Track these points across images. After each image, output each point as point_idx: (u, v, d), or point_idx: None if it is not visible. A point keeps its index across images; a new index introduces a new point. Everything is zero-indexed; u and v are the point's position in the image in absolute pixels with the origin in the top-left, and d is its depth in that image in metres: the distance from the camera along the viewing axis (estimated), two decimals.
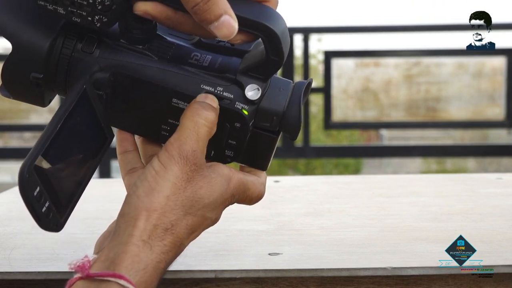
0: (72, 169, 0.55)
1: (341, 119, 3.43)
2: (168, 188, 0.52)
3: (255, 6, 0.55)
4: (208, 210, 0.54)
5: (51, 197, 0.52)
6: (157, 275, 0.50)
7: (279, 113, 0.56)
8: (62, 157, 0.54)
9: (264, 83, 0.56)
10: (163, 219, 0.51)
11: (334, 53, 3.31)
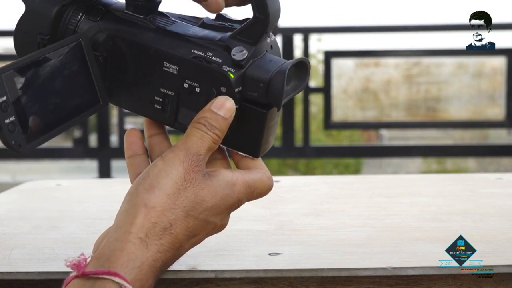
0: (47, 108, 0.55)
1: (341, 119, 3.43)
2: (170, 186, 0.52)
3: None
4: (211, 214, 0.54)
5: (19, 115, 0.51)
6: (152, 273, 0.50)
7: (266, 80, 0.55)
8: (40, 89, 0.54)
9: (252, 46, 0.56)
10: (161, 217, 0.51)
11: (334, 53, 3.31)
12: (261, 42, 0.57)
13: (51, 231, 0.74)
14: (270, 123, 0.58)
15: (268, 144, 0.60)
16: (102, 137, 3.32)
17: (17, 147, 0.52)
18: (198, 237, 0.54)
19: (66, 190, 0.98)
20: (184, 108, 0.58)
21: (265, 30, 0.56)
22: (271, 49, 0.59)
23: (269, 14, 0.55)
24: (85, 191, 0.98)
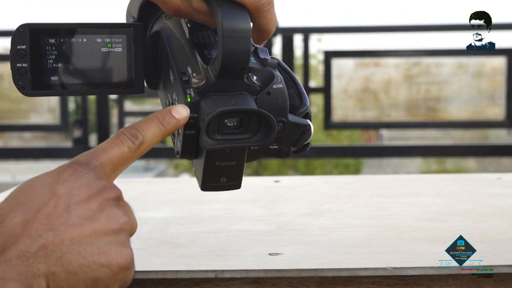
0: (68, 70, 0.59)
1: (341, 119, 3.43)
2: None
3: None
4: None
5: (33, 65, 0.57)
6: None
7: (202, 118, 0.57)
8: (67, 53, 0.59)
9: (214, 80, 0.56)
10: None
11: (334, 53, 3.31)
12: (227, 79, 0.56)
13: None
14: (214, 163, 0.57)
15: (217, 184, 0.59)
16: (102, 137, 3.32)
17: (21, 89, 0.58)
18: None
19: None
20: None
21: (223, 68, 0.55)
22: (266, 95, 0.58)
23: (222, 52, 0.54)
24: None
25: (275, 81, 0.58)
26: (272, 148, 0.61)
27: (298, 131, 0.61)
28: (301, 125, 0.60)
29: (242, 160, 0.58)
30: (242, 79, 0.56)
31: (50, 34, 0.59)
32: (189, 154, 0.59)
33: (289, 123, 0.59)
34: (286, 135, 0.60)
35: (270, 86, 0.58)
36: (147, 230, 0.72)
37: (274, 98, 0.58)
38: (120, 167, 0.53)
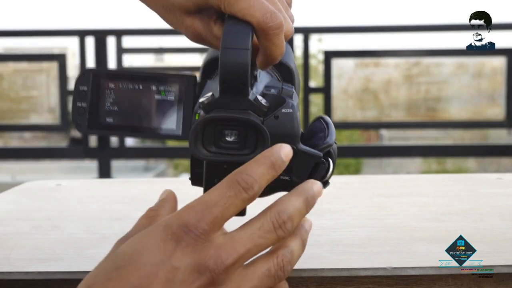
0: (122, 113, 0.63)
1: (341, 119, 3.43)
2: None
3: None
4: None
5: (92, 105, 0.63)
6: None
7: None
8: (124, 97, 0.63)
9: (216, 96, 0.58)
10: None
11: (334, 53, 3.32)
12: (229, 95, 0.55)
13: (51, 231, 0.74)
14: (212, 179, 0.57)
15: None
16: (102, 137, 3.32)
17: (78, 126, 0.63)
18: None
19: (66, 190, 0.98)
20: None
21: (222, 81, 0.55)
22: (274, 119, 0.57)
23: (220, 64, 0.54)
24: (85, 191, 0.98)
25: (285, 106, 0.58)
26: (283, 178, 0.59)
27: (310, 162, 0.59)
28: (313, 156, 0.59)
29: None
30: (245, 95, 0.56)
31: (110, 79, 0.63)
32: (198, 179, 0.59)
33: (299, 151, 0.58)
34: (297, 166, 0.59)
35: (279, 109, 0.58)
36: None
37: (282, 122, 0.58)
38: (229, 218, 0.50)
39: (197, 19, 0.61)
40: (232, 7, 0.56)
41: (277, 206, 0.50)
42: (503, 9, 6.60)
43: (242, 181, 0.49)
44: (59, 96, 3.38)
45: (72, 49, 5.65)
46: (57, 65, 3.40)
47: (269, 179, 0.50)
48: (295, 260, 0.51)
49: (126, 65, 3.45)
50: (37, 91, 3.48)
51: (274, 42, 0.57)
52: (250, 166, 0.50)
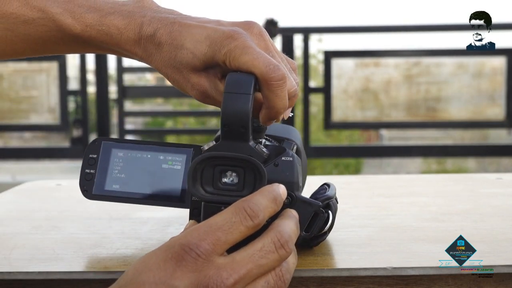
0: (129, 181, 0.65)
1: (341, 119, 3.43)
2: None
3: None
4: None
5: (100, 172, 0.65)
6: None
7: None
8: (131, 166, 0.65)
9: (217, 142, 0.59)
10: None
11: (334, 53, 3.32)
12: (230, 140, 0.56)
13: (51, 231, 0.74)
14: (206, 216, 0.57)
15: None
16: None
17: (84, 192, 0.66)
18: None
19: (66, 190, 0.98)
20: None
21: (224, 125, 0.56)
22: (274, 166, 0.58)
23: (221, 108, 0.56)
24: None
25: (284, 154, 0.59)
26: None
27: (309, 211, 0.59)
28: (312, 205, 0.59)
29: None
30: (245, 141, 0.57)
31: (120, 148, 0.66)
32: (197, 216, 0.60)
33: (298, 199, 0.59)
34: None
35: (279, 158, 0.59)
36: (147, 230, 0.72)
37: (281, 169, 0.58)
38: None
39: (203, 77, 0.63)
40: (237, 61, 0.58)
41: (277, 228, 0.51)
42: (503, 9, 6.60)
43: (249, 208, 0.50)
44: (59, 96, 3.38)
45: None
46: (57, 65, 3.40)
47: (271, 212, 0.52)
48: (292, 269, 0.52)
49: (126, 65, 3.44)
50: (37, 91, 3.48)
51: (277, 94, 0.58)
52: (256, 197, 0.51)
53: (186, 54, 0.62)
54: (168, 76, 0.64)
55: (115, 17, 0.65)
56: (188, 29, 0.63)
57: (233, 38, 0.60)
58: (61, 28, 0.65)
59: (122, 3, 0.67)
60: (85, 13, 0.65)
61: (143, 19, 0.64)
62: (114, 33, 0.64)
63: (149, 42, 0.63)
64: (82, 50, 0.68)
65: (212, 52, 0.61)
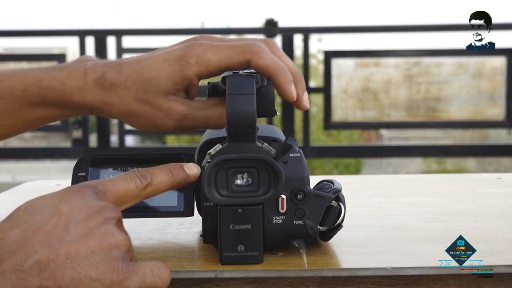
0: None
1: (341, 119, 3.44)
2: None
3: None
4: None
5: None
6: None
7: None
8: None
9: (224, 144, 0.59)
10: None
11: (334, 53, 3.32)
12: (238, 141, 0.57)
13: None
14: (227, 225, 0.58)
15: (235, 254, 0.59)
16: (102, 137, 3.32)
17: None
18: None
19: None
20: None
21: (231, 127, 0.56)
22: (283, 164, 0.59)
23: (227, 110, 0.56)
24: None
25: (292, 151, 0.60)
26: (297, 223, 0.60)
27: (322, 204, 0.60)
28: (325, 198, 0.60)
29: (258, 223, 0.58)
30: (253, 141, 0.57)
31: (109, 164, 0.65)
32: (212, 233, 0.60)
33: (310, 193, 0.60)
34: (309, 209, 0.60)
35: (287, 154, 0.60)
36: (147, 230, 0.72)
37: (291, 166, 0.59)
38: (124, 202, 0.54)
39: (173, 100, 0.61)
40: (215, 61, 0.60)
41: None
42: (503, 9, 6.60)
43: (138, 172, 0.55)
44: None
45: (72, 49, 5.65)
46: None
47: (164, 179, 0.56)
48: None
49: None
50: None
51: (261, 55, 0.60)
52: (151, 167, 0.57)
53: (149, 82, 0.61)
54: (136, 113, 0.62)
55: (55, 71, 0.63)
56: (139, 63, 0.62)
57: (194, 46, 0.60)
58: (1, 95, 0.63)
59: (60, 63, 0.67)
60: (24, 74, 0.63)
61: (85, 67, 0.63)
62: (56, 85, 0.62)
63: (99, 87, 0.62)
64: (28, 118, 0.65)
65: (178, 70, 0.60)
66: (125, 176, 0.54)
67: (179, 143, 6.23)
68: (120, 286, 0.48)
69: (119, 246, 0.49)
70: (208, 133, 0.70)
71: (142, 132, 4.33)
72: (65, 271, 0.46)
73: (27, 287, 0.45)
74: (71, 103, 0.63)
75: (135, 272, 0.49)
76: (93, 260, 0.47)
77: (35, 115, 0.65)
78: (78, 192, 0.50)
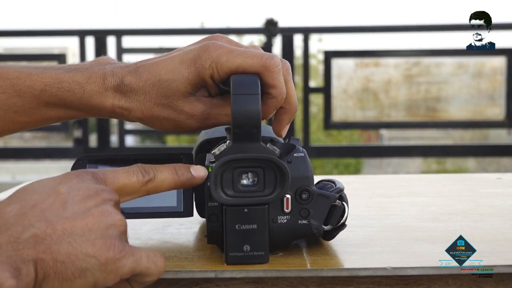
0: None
1: (341, 119, 3.43)
2: None
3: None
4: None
5: None
6: None
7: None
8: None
9: (229, 144, 0.59)
10: None
11: (334, 53, 3.31)
12: (242, 141, 0.57)
13: None
14: (233, 225, 0.58)
15: (241, 254, 0.59)
16: (102, 137, 3.32)
17: None
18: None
19: None
20: None
21: (236, 127, 0.56)
22: (287, 164, 0.59)
23: (232, 110, 0.56)
24: None
25: (295, 151, 0.60)
26: (301, 223, 0.60)
27: (327, 203, 0.61)
28: (329, 197, 0.61)
29: (264, 223, 0.58)
30: (257, 141, 0.57)
31: (106, 164, 0.64)
32: (216, 234, 0.59)
33: (314, 193, 0.60)
34: (314, 208, 0.60)
35: (291, 154, 0.60)
36: (147, 230, 0.72)
37: (295, 166, 0.59)
38: (123, 194, 0.54)
39: (195, 101, 0.62)
40: (226, 67, 0.59)
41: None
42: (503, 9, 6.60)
43: (141, 166, 0.55)
44: None
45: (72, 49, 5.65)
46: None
47: (167, 177, 0.56)
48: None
49: None
50: None
51: (280, 79, 0.60)
52: (157, 165, 0.57)
53: (168, 85, 0.61)
54: (159, 117, 0.62)
55: (74, 73, 0.63)
56: (156, 66, 0.62)
57: (210, 49, 0.60)
58: (20, 93, 0.63)
59: (79, 63, 0.66)
60: (43, 73, 0.63)
61: (104, 71, 0.63)
62: (76, 89, 0.63)
63: (118, 93, 0.62)
64: (44, 117, 0.66)
65: (194, 72, 0.60)
66: (128, 169, 0.54)
67: (179, 143, 6.23)
68: (115, 265, 0.48)
69: (116, 225, 0.49)
70: (205, 133, 0.70)
71: (142, 132, 4.33)
72: (61, 246, 0.47)
73: (23, 258, 0.46)
74: (90, 107, 0.64)
75: (131, 252, 0.49)
76: (89, 237, 0.47)
77: (52, 115, 0.66)
78: (78, 176, 0.51)
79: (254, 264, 0.58)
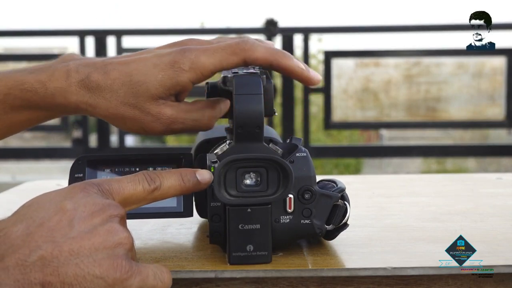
0: None
1: (341, 119, 3.43)
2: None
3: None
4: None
5: None
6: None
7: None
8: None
9: (231, 144, 0.59)
10: None
11: (334, 53, 3.31)
12: (245, 141, 0.57)
13: None
14: (237, 225, 0.58)
15: (244, 254, 0.59)
16: (102, 137, 3.32)
17: None
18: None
19: None
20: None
21: (238, 126, 0.56)
22: (290, 164, 0.58)
23: (235, 110, 0.56)
24: None
25: (298, 150, 0.60)
26: (304, 223, 0.60)
27: (329, 203, 0.61)
28: (332, 197, 0.61)
29: (267, 223, 0.58)
30: (260, 141, 0.57)
31: (106, 164, 0.64)
32: (219, 234, 0.59)
33: (317, 193, 0.60)
34: (316, 208, 0.60)
35: (293, 154, 0.60)
36: (147, 230, 0.72)
37: (298, 165, 0.59)
38: (129, 204, 0.54)
39: (162, 104, 0.61)
40: (208, 66, 0.59)
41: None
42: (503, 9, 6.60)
43: (147, 174, 0.55)
44: None
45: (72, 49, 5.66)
46: None
47: (174, 184, 0.55)
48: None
49: None
50: None
51: (253, 49, 0.60)
52: (162, 170, 0.56)
53: (139, 86, 0.60)
54: (124, 116, 0.61)
55: (37, 73, 0.62)
56: (126, 66, 0.61)
57: (187, 52, 0.60)
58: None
59: (44, 63, 0.65)
60: (6, 77, 0.62)
61: (68, 68, 0.62)
62: (38, 88, 0.61)
63: (83, 89, 0.61)
64: (13, 122, 0.64)
65: (171, 75, 0.59)
66: (133, 178, 0.54)
67: (179, 143, 6.22)
68: (122, 285, 0.48)
69: (122, 244, 0.49)
70: (204, 134, 0.70)
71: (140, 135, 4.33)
72: (68, 268, 0.46)
73: (30, 282, 0.45)
74: (54, 105, 0.62)
75: (138, 272, 0.49)
76: (96, 257, 0.47)
77: (20, 118, 0.64)
78: (83, 190, 0.50)
79: (257, 264, 0.58)
